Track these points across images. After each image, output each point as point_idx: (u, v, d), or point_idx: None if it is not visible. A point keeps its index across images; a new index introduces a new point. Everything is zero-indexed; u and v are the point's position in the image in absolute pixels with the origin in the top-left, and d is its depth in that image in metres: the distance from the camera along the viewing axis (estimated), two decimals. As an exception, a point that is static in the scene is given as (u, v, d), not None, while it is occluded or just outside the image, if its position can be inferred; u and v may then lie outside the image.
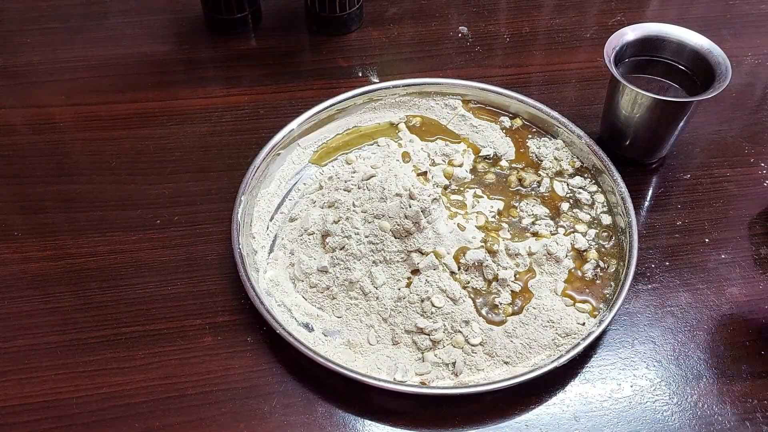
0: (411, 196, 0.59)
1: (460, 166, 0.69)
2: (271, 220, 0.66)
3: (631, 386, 0.56)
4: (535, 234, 0.64)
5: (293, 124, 0.70)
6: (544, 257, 0.62)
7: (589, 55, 0.83)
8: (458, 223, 0.62)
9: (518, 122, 0.73)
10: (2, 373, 0.56)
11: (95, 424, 0.54)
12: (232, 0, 0.82)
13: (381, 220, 0.60)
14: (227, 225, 0.62)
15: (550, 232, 0.64)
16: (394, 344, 0.58)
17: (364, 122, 0.74)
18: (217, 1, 0.82)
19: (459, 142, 0.72)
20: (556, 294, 0.60)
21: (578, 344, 0.55)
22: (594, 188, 0.68)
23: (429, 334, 0.57)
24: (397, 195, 0.61)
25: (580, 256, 0.63)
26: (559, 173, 0.69)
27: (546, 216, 0.65)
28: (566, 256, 0.62)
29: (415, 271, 0.59)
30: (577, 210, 0.66)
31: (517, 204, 0.66)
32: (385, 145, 0.71)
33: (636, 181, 0.69)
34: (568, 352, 0.55)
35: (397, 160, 0.68)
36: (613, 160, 0.67)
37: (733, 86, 0.77)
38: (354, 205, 0.62)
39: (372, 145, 0.72)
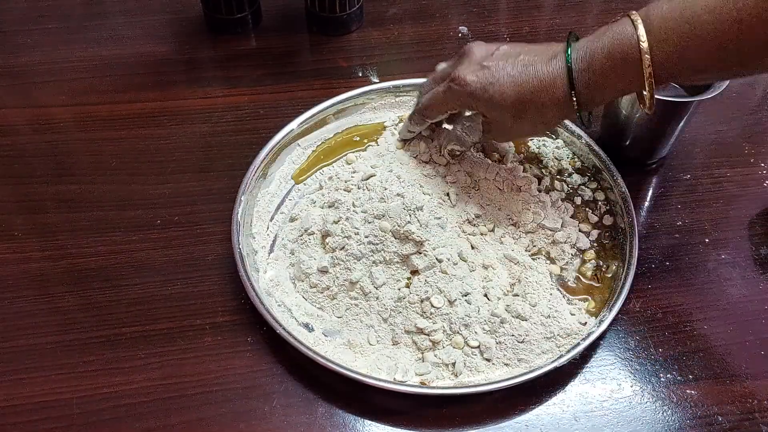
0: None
1: None
2: (271, 220, 0.66)
3: (631, 386, 0.56)
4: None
5: (293, 124, 0.70)
6: (545, 257, 0.62)
7: (589, 55, 0.83)
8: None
9: None
10: (2, 373, 0.56)
11: (95, 424, 0.54)
12: (232, 0, 0.82)
13: (381, 220, 0.60)
14: (227, 225, 0.62)
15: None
16: (394, 344, 0.58)
17: (364, 122, 0.74)
18: (217, 1, 0.82)
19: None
20: (556, 294, 0.60)
21: (578, 344, 0.55)
22: (594, 186, 0.68)
23: (429, 335, 0.57)
24: (398, 195, 0.61)
25: (580, 256, 0.63)
26: (560, 172, 0.69)
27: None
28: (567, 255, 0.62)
29: (415, 272, 0.59)
30: (588, 209, 0.66)
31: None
32: (385, 145, 0.71)
33: (636, 181, 0.69)
34: (568, 352, 0.55)
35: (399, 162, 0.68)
36: (613, 160, 0.67)
37: (733, 86, 0.77)
38: (354, 205, 0.62)
39: (371, 145, 0.72)
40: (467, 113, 0.64)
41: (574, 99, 0.55)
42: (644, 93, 0.53)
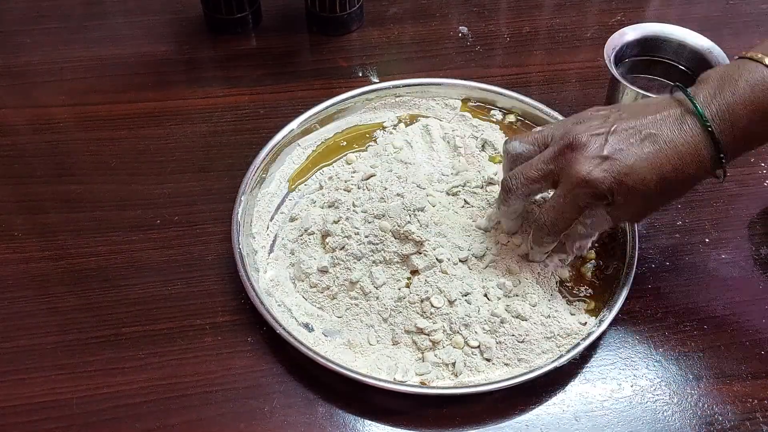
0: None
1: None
2: (271, 220, 0.66)
3: (631, 386, 0.56)
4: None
5: (293, 124, 0.70)
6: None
7: (589, 55, 0.83)
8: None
9: (512, 117, 0.73)
10: (2, 373, 0.56)
11: (95, 424, 0.54)
12: (232, 0, 0.82)
13: (381, 220, 0.60)
14: (227, 225, 0.62)
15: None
16: (394, 344, 0.58)
17: (364, 122, 0.74)
18: (217, 1, 0.82)
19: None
20: (557, 293, 0.60)
21: (578, 344, 0.55)
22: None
23: (429, 335, 0.57)
24: (398, 195, 0.61)
25: (580, 255, 0.63)
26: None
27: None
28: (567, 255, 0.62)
29: (415, 272, 0.59)
30: None
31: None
32: (384, 144, 0.71)
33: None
34: (568, 352, 0.55)
35: (399, 161, 0.68)
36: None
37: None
38: (354, 205, 0.62)
39: (370, 145, 0.72)
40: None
41: (725, 161, 0.51)
42: None
